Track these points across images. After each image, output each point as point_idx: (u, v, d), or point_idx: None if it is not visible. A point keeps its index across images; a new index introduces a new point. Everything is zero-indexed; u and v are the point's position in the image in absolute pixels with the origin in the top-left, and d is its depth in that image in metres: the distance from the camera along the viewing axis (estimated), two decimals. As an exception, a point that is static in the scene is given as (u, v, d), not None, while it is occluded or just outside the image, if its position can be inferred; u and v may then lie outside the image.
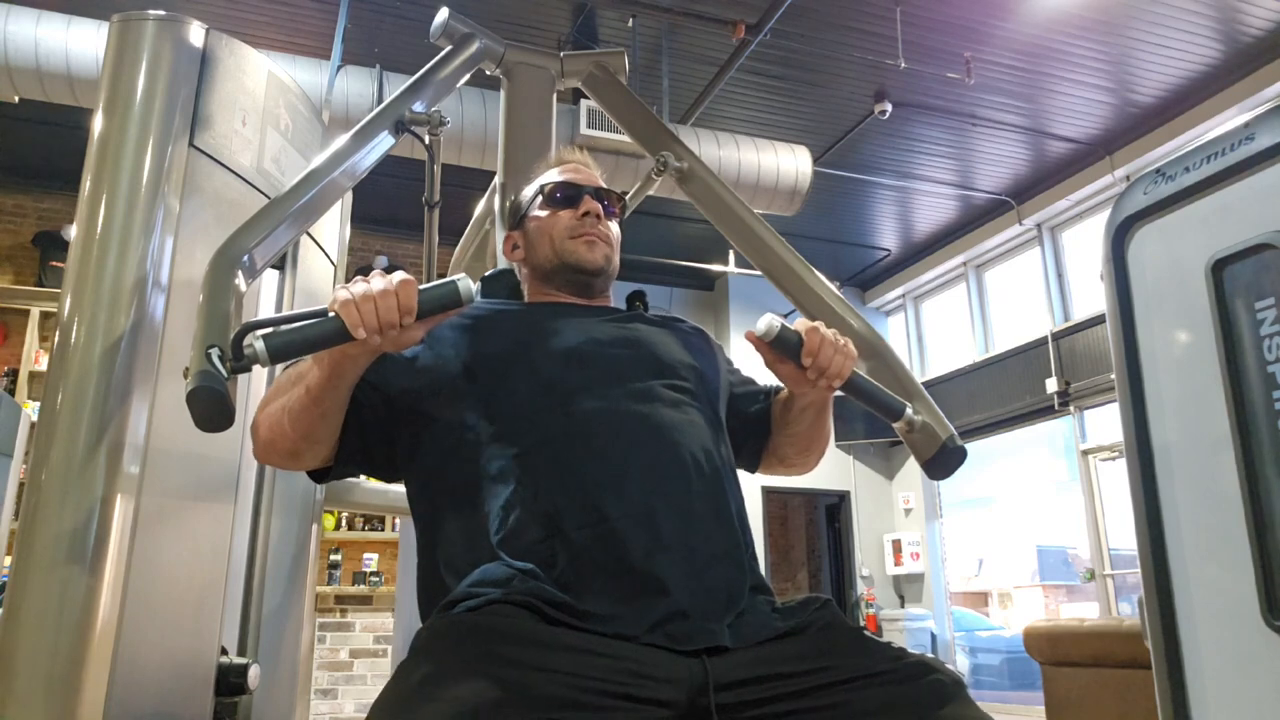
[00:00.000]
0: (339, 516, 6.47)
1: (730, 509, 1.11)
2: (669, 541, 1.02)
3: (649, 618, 0.96)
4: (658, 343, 1.23)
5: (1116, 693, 3.20)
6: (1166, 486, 1.37)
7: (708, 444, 1.14)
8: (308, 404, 1.02)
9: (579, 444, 1.07)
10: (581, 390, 1.12)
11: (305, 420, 1.04)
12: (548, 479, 1.05)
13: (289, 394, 1.04)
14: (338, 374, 0.99)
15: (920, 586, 8.66)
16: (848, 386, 1.18)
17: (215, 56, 1.32)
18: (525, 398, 1.11)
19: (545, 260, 1.29)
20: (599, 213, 1.29)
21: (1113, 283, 1.47)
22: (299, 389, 1.03)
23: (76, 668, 1.07)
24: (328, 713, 5.97)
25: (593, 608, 0.96)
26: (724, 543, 1.07)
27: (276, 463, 1.14)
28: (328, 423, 1.06)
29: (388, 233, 7.19)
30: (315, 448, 1.08)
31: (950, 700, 0.92)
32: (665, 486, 1.06)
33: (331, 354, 0.97)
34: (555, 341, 1.17)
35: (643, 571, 0.99)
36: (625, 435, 1.09)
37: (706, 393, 1.22)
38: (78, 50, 4.56)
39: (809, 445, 1.34)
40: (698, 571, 1.02)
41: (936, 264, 8.53)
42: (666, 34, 5.44)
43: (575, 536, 1.00)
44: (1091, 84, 5.93)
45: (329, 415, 1.05)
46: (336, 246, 1.75)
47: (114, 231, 1.20)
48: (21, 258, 6.58)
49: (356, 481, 1.77)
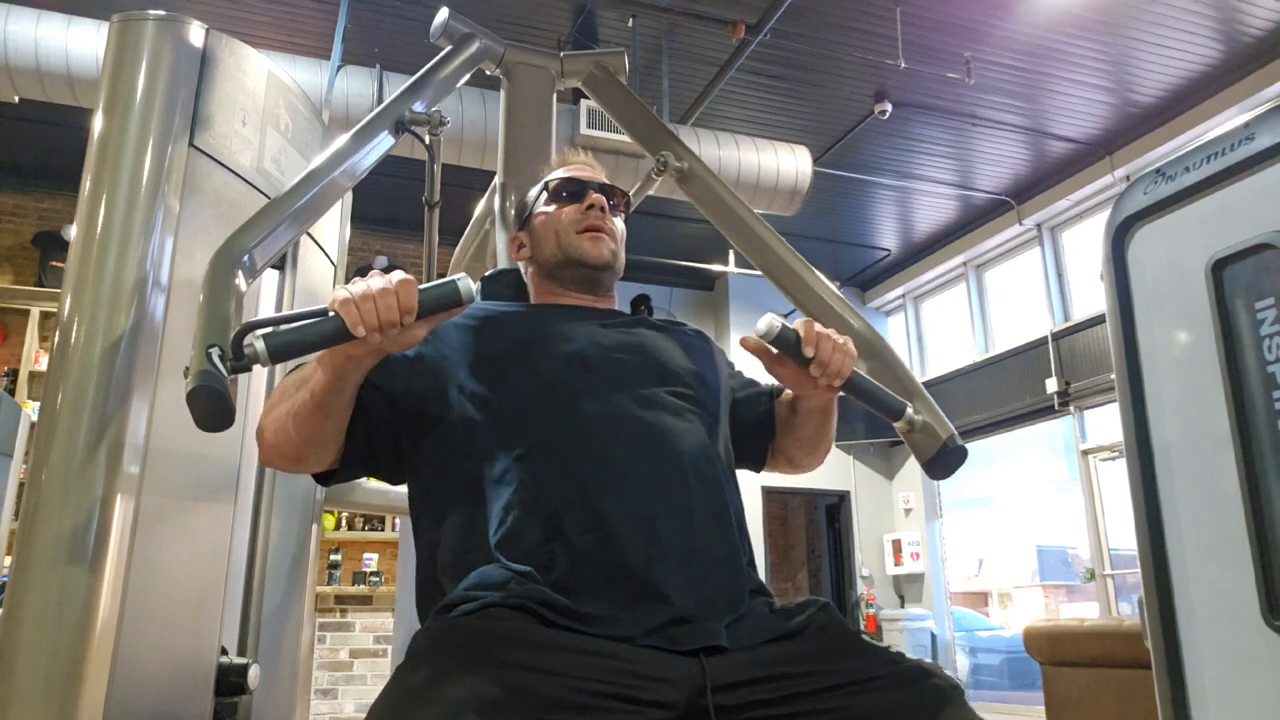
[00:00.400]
0: (339, 516, 6.47)
1: (730, 515, 1.11)
2: (669, 547, 1.02)
3: (648, 622, 0.96)
4: (661, 348, 1.23)
5: (1117, 693, 3.20)
6: (1166, 487, 1.37)
7: (709, 450, 1.14)
8: (312, 408, 1.02)
9: (580, 447, 1.07)
10: (584, 394, 1.12)
11: (310, 424, 1.03)
12: (548, 481, 1.05)
13: (293, 398, 1.04)
14: (341, 376, 0.99)
15: (920, 587, 8.66)
16: (848, 386, 1.18)
17: (215, 56, 1.32)
18: (527, 399, 1.12)
19: (551, 255, 1.30)
20: (604, 206, 1.30)
21: (1113, 283, 1.47)
22: (303, 393, 1.02)
23: (76, 668, 1.07)
24: (328, 713, 5.97)
25: (591, 611, 0.96)
26: (723, 549, 1.08)
27: (282, 467, 1.14)
28: (332, 425, 1.06)
29: (388, 233, 7.19)
30: (320, 451, 1.08)
31: (948, 704, 0.92)
32: (666, 492, 1.06)
33: (334, 355, 0.97)
34: (558, 344, 1.17)
35: (642, 577, 0.99)
36: (626, 440, 1.09)
37: (709, 399, 1.22)
38: (78, 50, 4.56)
39: (815, 447, 1.35)
40: (697, 578, 1.02)
41: (936, 264, 8.53)
42: (666, 34, 5.44)
43: (575, 540, 1.01)
44: (1091, 84, 5.94)
45: (333, 418, 1.05)
46: (336, 246, 1.75)
47: (114, 231, 1.20)
48: (21, 258, 6.58)
49: (357, 481, 1.78)
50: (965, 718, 0.92)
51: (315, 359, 1.00)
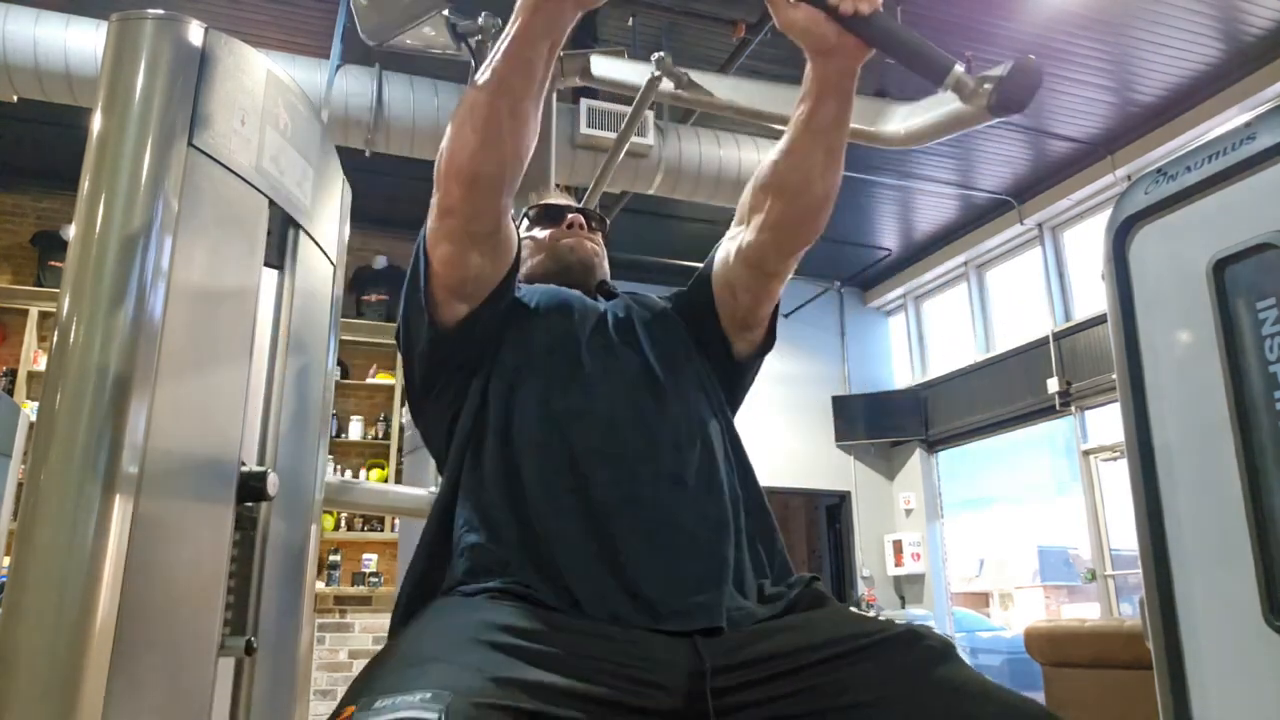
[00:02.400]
0: (338, 517, 6.46)
1: (723, 490, 1.13)
2: (662, 520, 1.05)
3: (641, 603, 0.98)
4: (641, 328, 1.27)
5: (1117, 693, 3.20)
6: (1168, 487, 1.37)
7: (704, 419, 1.17)
8: (495, 89, 1.04)
9: (572, 434, 1.11)
10: (573, 382, 1.16)
11: (491, 115, 1.05)
12: (546, 461, 1.09)
13: (472, 97, 1.07)
14: (529, 32, 1.02)
15: (921, 587, 8.65)
16: (883, 35, 0.98)
17: (214, 56, 1.32)
18: (540, 391, 1.16)
19: (540, 267, 1.39)
20: (582, 223, 1.42)
21: (1114, 282, 1.47)
22: (487, 86, 1.05)
23: (76, 668, 1.07)
24: (327, 713, 5.96)
25: (585, 595, 0.98)
26: (711, 526, 1.09)
27: (456, 190, 1.12)
28: (516, 123, 1.07)
29: (388, 233, 7.18)
30: (494, 157, 1.08)
31: (944, 661, 0.93)
32: (659, 463, 1.09)
33: (526, 2, 0.99)
34: (542, 332, 1.22)
35: (636, 558, 1.01)
36: (618, 423, 1.12)
37: (692, 362, 1.25)
38: (76, 50, 4.55)
39: (829, 147, 1.14)
40: (689, 557, 1.04)
41: (937, 264, 8.52)
42: (666, 33, 5.44)
43: (564, 524, 1.04)
44: (1092, 83, 5.93)
45: (521, 101, 1.06)
46: (336, 246, 1.75)
47: (113, 231, 1.20)
48: (20, 257, 6.57)
49: (356, 481, 1.77)
50: (962, 672, 0.93)
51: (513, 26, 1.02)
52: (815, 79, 1.09)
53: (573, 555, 1.01)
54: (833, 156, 1.14)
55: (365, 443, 6.77)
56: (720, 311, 1.29)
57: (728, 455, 1.17)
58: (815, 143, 1.12)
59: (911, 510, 8.85)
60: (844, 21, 0.99)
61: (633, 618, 0.97)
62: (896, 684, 0.91)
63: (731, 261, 1.26)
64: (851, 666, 0.93)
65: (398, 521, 5.65)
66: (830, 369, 9.03)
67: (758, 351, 1.33)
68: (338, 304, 1.73)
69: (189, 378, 1.26)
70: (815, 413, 8.80)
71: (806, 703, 0.91)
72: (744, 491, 1.16)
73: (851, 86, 1.09)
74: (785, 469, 8.32)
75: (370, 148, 5.08)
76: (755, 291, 1.26)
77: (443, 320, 1.19)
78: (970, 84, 1.00)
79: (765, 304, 1.28)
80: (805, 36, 1.04)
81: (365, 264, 7.16)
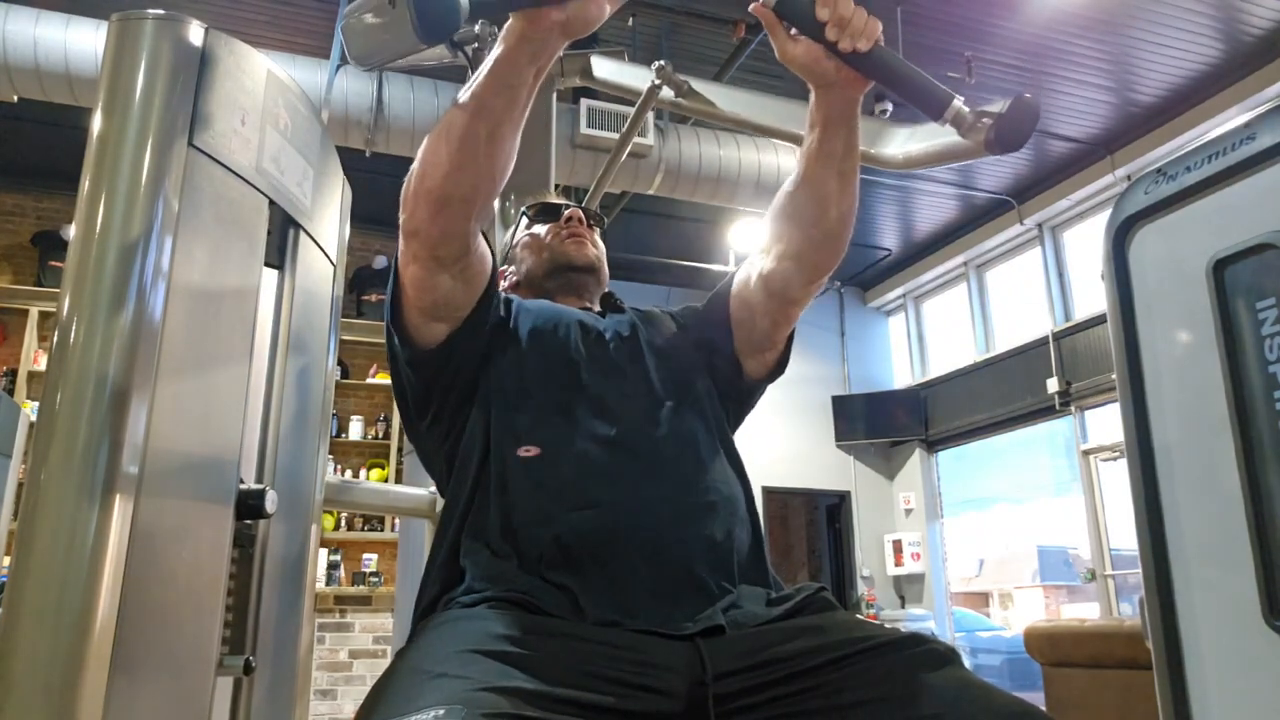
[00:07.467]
0: (338, 516, 6.46)
1: (721, 502, 1.13)
2: (663, 535, 1.05)
3: (643, 608, 0.98)
4: (644, 340, 1.28)
5: (1117, 693, 3.20)
6: (1167, 487, 1.37)
7: (702, 438, 1.17)
8: (474, 111, 1.00)
9: (575, 444, 1.11)
10: (575, 389, 1.16)
11: (468, 137, 1.01)
12: (546, 479, 1.09)
13: (451, 116, 1.03)
14: (516, 53, 0.96)
15: (921, 587, 8.66)
16: (879, 68, 0.99)
17: (214, 56, 1.32)
18: (539, 399, 1.16)
19: (538, 267, 1.38)
20: (580, 219, 1.39)
21: (1114, 282, 1.47)
22: (467, 101, 1.01)
23: (75, 668, 1.07)
24: (327, 713, 5.97)
25: (587, 602, 0.98)
26: (716, 533, 1.09)
27: (422, 212, 1.11)
28: (493, 147, 1.02)
29: (388, 233, 7.18)
30: (466, 185, 1.05)
31: (946, 664, 0.93)
32: (659, 480, 1.09)
33: (513, 32, 0.94)
34: (552, 343, 1.22)
35: (637, 566, 1.02)
36: (618, 435, 1.12)
37: (699, 383, 1.25)
38: (76, 50, 4.55)
39: (842, 179, 1.16)
40: (690, 569, 1.04)
41: (937, 264, 8.52)
42: (666, 34, 5.44)
43: (569, 534, 1.04)
44: (1092, 83, 5.93)
45: (500, 125, 1.01)
46: (336, 246, 1.75)
47: (113, 231, 1.20)
48: (20, 257, 6.58)
49: (356, 481, 1.77)
50: (964, 675, 0.93)
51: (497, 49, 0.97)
52: (820, 109, 1.10)
53: (573, 571, 1.01)
54: (846, 181, 1.15)
55: (365, 443, 6.77)
56: (736, 331, 1.29)
57: (728, 477, 1.18)
58: (828, 170, 1.14)
59: (911, 510, 8.85)
60: (843, 57, 1.00)
61: (633, 622, 0.97)
62: (898, 683, 0.91)
63: (753, 284, 1.27)
64: (853, 666, 0.93)
65: (398, 521, 5.64)
66: (830, 369, 9.03)
67: (768, 375, 1.33)
68: (338, 304, 1.73)
69: (189, 378, 1.26)
70: (815, 412, 8.80)
71: (808, 702, 0.91)
72: (749, 515, 1.17)
73: (855, 115, 1.10)
74: (785, 469, 8.33)
75: (370, 148, 5.08)
76: (774, 316, 1.28)
77: (422, 341, 1.18)
78: (969, 119, 1.01)
79: (783, 327, 1.31)
80: (805, 71, 1.06)
81: (365, 264, 7.16)
